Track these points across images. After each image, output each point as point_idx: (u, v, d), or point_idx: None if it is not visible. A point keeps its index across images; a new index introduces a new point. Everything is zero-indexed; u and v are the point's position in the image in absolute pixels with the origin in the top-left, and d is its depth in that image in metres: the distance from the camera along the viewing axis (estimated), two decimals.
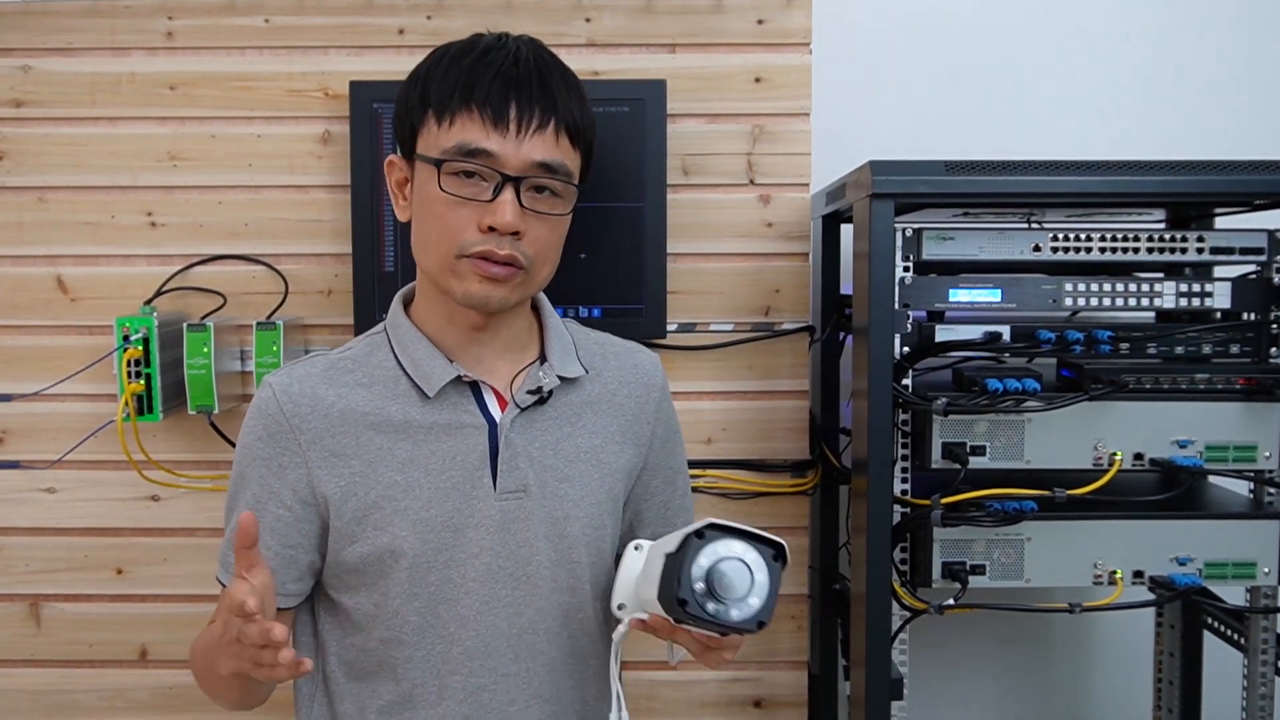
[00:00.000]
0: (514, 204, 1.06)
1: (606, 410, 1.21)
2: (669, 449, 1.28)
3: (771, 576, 0.98)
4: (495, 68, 1.07)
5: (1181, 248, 1.43)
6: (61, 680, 1.75)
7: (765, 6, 1.70)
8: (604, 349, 1.25)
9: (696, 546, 0.98)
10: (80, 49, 1.69)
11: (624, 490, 1.23)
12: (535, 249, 1.10)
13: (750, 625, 0.98)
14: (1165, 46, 1.98)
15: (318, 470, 1.12)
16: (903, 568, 1.45)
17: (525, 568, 1.13)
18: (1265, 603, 1.48)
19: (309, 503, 1.13)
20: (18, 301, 1.71)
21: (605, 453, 1.19)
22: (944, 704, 2.02)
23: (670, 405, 1.29)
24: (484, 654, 1.13)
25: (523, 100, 1.07)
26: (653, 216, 1.65)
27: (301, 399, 1.13)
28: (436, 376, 1.13)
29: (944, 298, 1.44)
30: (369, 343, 1.19)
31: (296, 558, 1.14)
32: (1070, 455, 1.41)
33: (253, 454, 1.14)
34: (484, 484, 1.12)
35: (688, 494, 1.31)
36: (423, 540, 1.11)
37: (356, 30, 1.69)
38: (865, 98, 1.94)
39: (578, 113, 1.11)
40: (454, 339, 1.15)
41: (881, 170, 1.34)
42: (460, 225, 1.07)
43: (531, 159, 1.07)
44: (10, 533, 1.73)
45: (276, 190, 1.70)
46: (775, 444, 1.75)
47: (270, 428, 1.13)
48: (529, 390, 1.14)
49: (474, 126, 1.06)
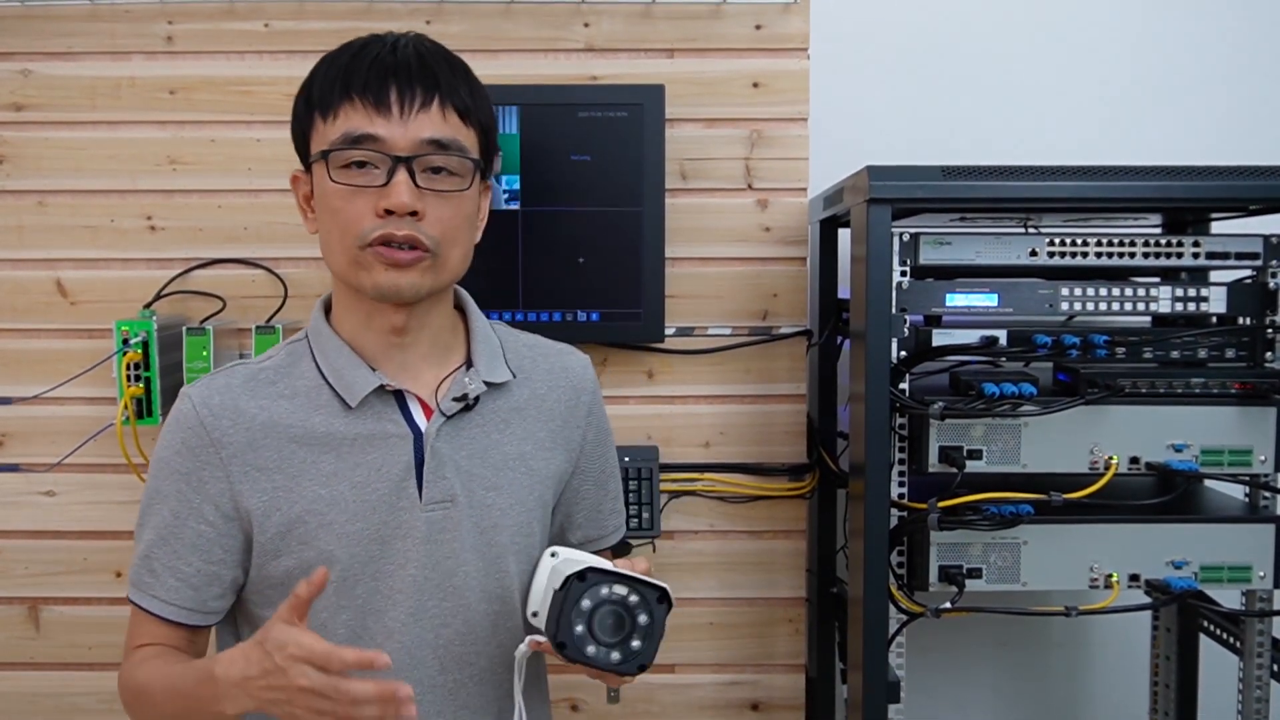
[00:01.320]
0: (408, 183, 1.04)
1: (535, 415, 1.18)
2: (600, 452, 1.25)
3: (655, 619, 0.99)
4: (372, 58, 1.07)
5: (1177, 253, 1.44)
6: (61, 683, 1.75)
7: (763, 12, 1.71)
8: (533, 351, 1.22)
9: (578, 590, 0.99)
10: (80, 53, 1.69)
11: (553, 496, 1.21)
12: (439, 229, 1.06)
13: (630, 669, 0.99)
14: (1161, 53, 1.99)
15: (240, 485, 1.09)
16: (900, 571, 1.45)
17: (451, 579, 1.11)
18: (1260, 606, 1.49)
19: (231, 517, 1.09)
20: (17, 305, 1.72)
21: (534, 459, 1.17)
22: (941, 707, 2.03)
23: (601, 408, 1.26)
24: (410, 665, 1.10)
25: (403, 82, 1.05)
26: (651, 221, 1.65)
27: (223, 411, 1.09)
28: (359, 386, 1.09)
29: (941, 302, 1.44)
30: (290, 351, 1.15)
31: (219, 574, 1.10)
32: (1067, 459, 1.42)
33: (170, 468, 1.10)
34: (410, 495, 1.10)
35: (619, 497, 1.30)
36: (349, 554, 1.08)
37: (356, 35, 1.68)
38: (863, 103, 1.95)
39: (465, 92, 1.09)
40: (374, 344, 1.12)
41: (879, 175, 1.34)
42: (357, 215, 1.04)
43: (420, 137, 1.05)
44: (9, 535, 1.74)
45: (276, 194, 1.71)
46: (773, 448, 1.75)
47: (190, 441, 1.09)
48: (454, 398, 1.12)
49: (356, 114, 1.04)
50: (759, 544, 1.76)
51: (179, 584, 1.09)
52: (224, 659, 0.97)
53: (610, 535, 1.28)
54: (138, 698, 1.09)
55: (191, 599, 1.10)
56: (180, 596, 1.10)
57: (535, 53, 1.71)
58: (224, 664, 0.97)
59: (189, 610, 1.10)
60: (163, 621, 1.10)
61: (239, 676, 0.95)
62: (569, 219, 1.64)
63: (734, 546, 1.76)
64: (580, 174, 1.64)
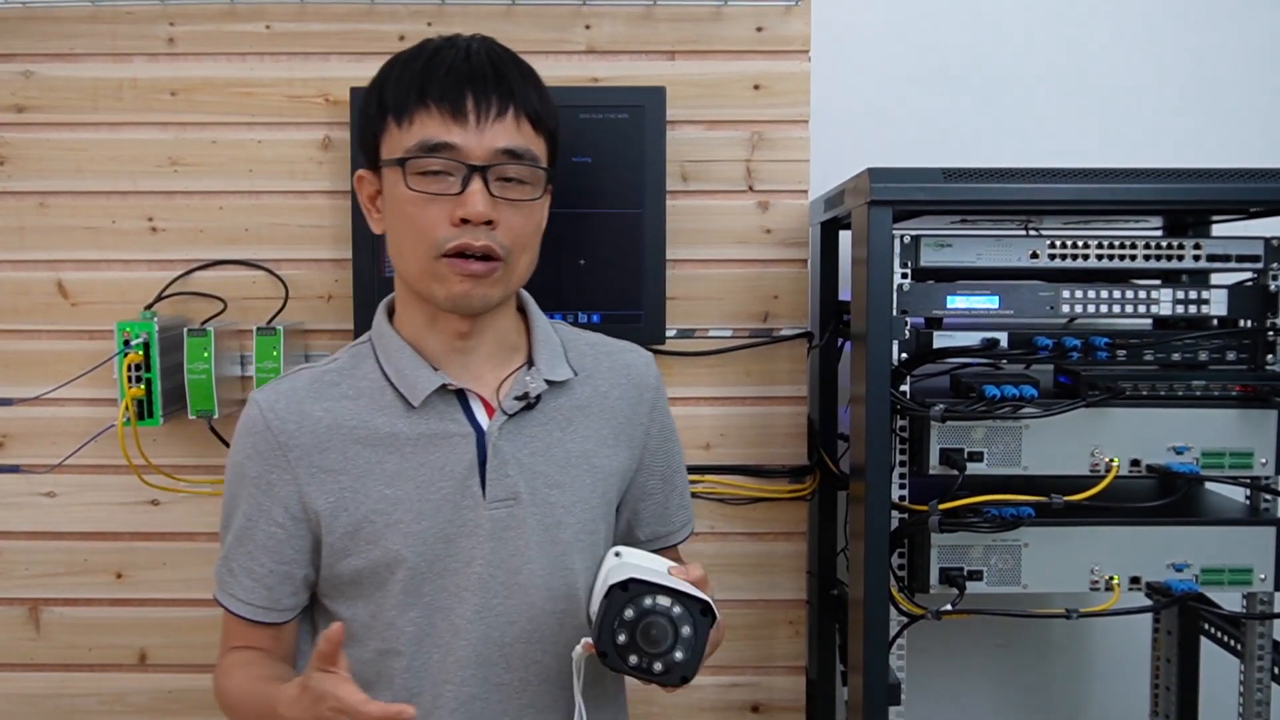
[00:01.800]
0: (483, 193, 1.05)
1: (598, 413, 1.19)
2: (665, 448, 1.27)
3: (698, 632, 0.99)
4: (447, 64, 1.08)
5: (1178, 255, 1.44)
6: (61, 684, 1.75)
7: (764, 14, 1.71)
8: (595, 350, 1.23)
9: (620, 600, 1.00)
10: (82, 54, 1.70)
11: (618, 494, 1.22)
12: (511, 238, 1.08)
13: (673, 680, 1.00)
14: (1163, 55, 1.99)
15: (307, 487, 1.11)
16: (900, 573, 1.45)
17: (517, 576, 1.12)
18: (1261, 609, 1.48)
19: (300, 519, 1.13)
20: (19, 306, 1.72)
21: (598, 456, 1.18)
22: (942, 709, 2.03)
23: (665, 405, 1.27)
24: (477, 663, 1.12)
25: (479, 90, 1.06)
26: (652, 222, 1.65)
27: (288, 415, 1.12)
28: (421, 386, 1.12)
29: (942, 304, 1.44)
30: (353, 353, 1.18)
31: (291, 573, 1.14)
32: (1067, 461, 1.42)
33: (242, 472, 1.14)
34: (474, 493, 1.11)
35: (686, 493, 1.31)
36: (416, 552, 1.11)
37: (357, 36, 1.70)
38: (864, 105, 1.95)
39: (536, 100, 1.10)
40: (438, 346, 1.14)
41: (880, 177, 1.35)
42: (433, 223, 1.06)
43: (495, 146, 1.06)
44: (10, 537, 1.74)
45: (277, 195, 1.71)
46: (773, 449, 1.75)
47: (259, 446, 1.13)
48: (516, 396, 1.13)
49: (433, 122, 1.06)
50: (759, 546, 1.76)
51: (254, 584, 1.14)
52: (284, 698, 1.01)
53: (678, 532, 1.30)
54: (229, 702, 1.15)
55: (265, 598, 1.14)
56: (255, 595, 1.14)
57: (536, 54, 1.69)
58: (284, 703, 1.01)
59: (264, 609, 1.15)
60: (244, 620, 1.15)
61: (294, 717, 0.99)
62: (570, 221, 1.64)
63: (734, 548, 1.76)
64: (581, 175, 1.64)
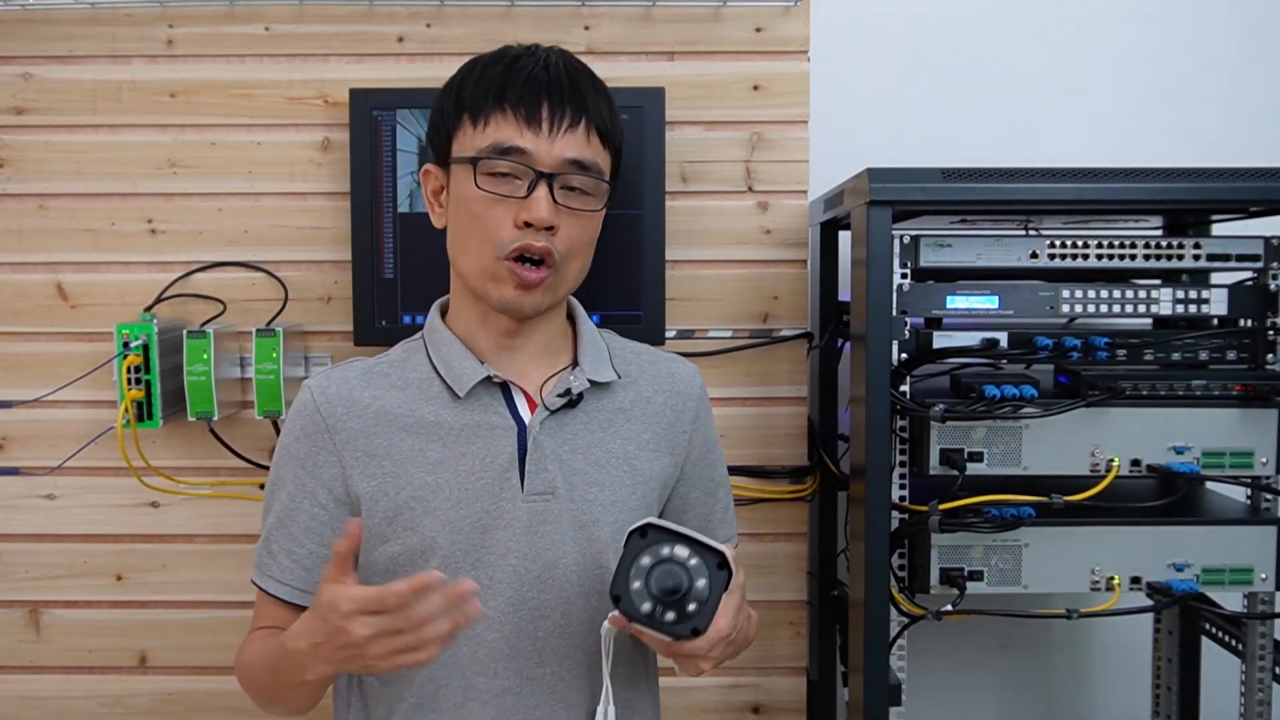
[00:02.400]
0: (548, 199, 1.09)
1: (640, 417, 1.22)
2: (708, 460, 1.29)
3: (712, 585, 0.98)
4: (526, 72, 1.12)
5: (1178, 254, 1.44)
6: (61, 687, 1.75)
7: (764, 14, 1.71)
8: (640, 358, 1.27)
9: (638, 545, 0.99)
10: (81, 56, 1.69)
11: (658, 499, 1.24)
12: (568, 245, 1.12)
13: (684, 632, 0.98)
14: (1162, 54, 1.99)
15: (351, 470, 1.14)
16: (901, 574, 1.45)
17: (551, 571, 1.14)
18: (1262, 608, 1.48)
19: (343, 501, 1.15)
20: (18, 308, 1.72)
21: (638, 459, 1.20)
22: (942, 710, 2.02)
23: (709, 417, 1.30)
24: (509, 656, 1.14)
25: (554, 100, 1.11)
26: (651, 223, 1.65)
27: (338, 400, 1.16)
28: (467, 377, 1.15)
29: (941, 304, 1.44)
30: (406, 348, 1.23)
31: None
32: (1068, 461, 1.42)
33: (290, 454, 1.17)
34: (512, 485, 1.14)
35: (730, 507, 1.33)
36: (452, 541, 1.13)
37: (356, 38, 1.70)
38: (863, 105, 1.95)
39: (607, 115, 1.15)
40: (487, 343, 1.18)
41: (879, 178, 1.34)
42: (497, 223, 1.10)
43: (564, 156, 1.10)
44: (10, 539, 1.73)
45: (276, 197, 1.71)
46: (773, 450, 1.75)
47: (307, 428, 1.16)
48: (559, 393, 1.16)
49: (508, 126, 1.10)
50: (760, 546, 1.76)
51: (293, 565, 1.16)
52: (291, 633, 1.02)
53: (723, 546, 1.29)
54: (245, 673, 1.17)
55: (304, 579, 1.16)
56: (294, 577, 1.16)
57: None
58: (292, 638, 1.02)
59: (301, 591, 1.16)
60: (280, 603, 1.16)
61: (307, 646, 1.00)
62: None
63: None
64: None
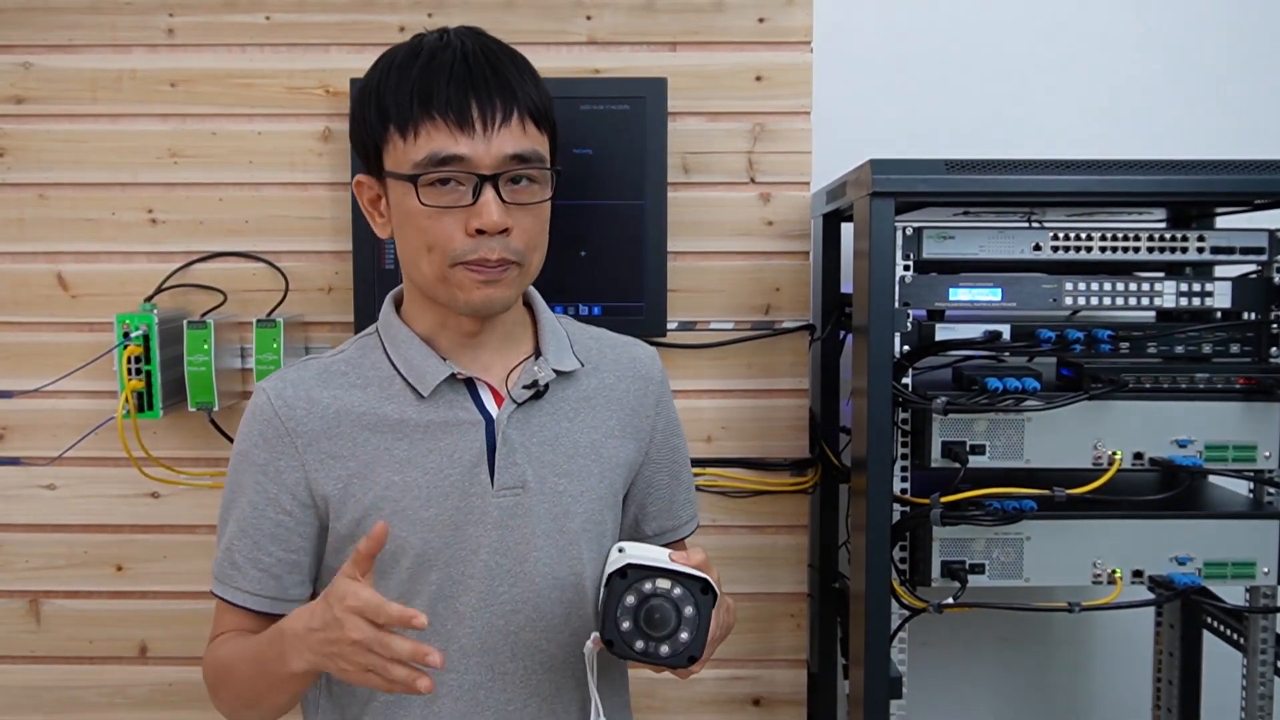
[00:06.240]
0: (497, 202, 1.05)
1: (604, 404, 1.20)
2: (671, 443, 1.27)
3: (700, 610, 0.99)
4: (447, 70, 1.06)
5: (1182, 247, 1.43)
6: (62, 677, 1.76)
7: (766, 5, 1.70)
8: (600, 343, 1.24)
9: (620, 586, 1.00)
10: (81, 45, 1.69)
11: (624, 485, 1.23)
12: (525, 240, 1.09)
13: (680, 661, 0.99)
14: (1165, 46, 1.98)
15: (315, 472, 1.11)
16: (902, 566, 1.45)
17: (523, 565, 1.13)
18: (1264, 602, 1.48)
19: (308, 505, 1.12)
20: (18, 298, 1.72)
21: (605, 447, 1.19)
22: (943, 703, 2.02)
23: (670, 399, 1.28)
24: (480, 651, 1.12)
25: (482, 96, 1.05)
26: (653, 214, 1.65)
27: (296, 402, 1.12)
28: (430, 376, 1.12)
29: (944, 296, 1.44)
30: (360, 345, 1.18)
31: (299, 561, 1.14)
32: (1070, 454, 1.41)
33: (249, 460, 1.13)
34: (482, 481, 1.12)
35: (691, 488, 1.31)
36: (423, 540, 1.11)
37: (357, 27, 1.69)
38: (866, 96, 1.94)
39: (536, 95, 1.09)
40: (449, 341, 1.15)
41: (882, 169, 1.34)
42: (448, 234, 1.06)
43: (503, 153, 1.06)
44: (10, 529, 1.74)
45: (277, 187, 1.70)
46: (775, 442, 1.75)
47: (265, 432, 1.12)
48: (524, 385, 1.14)
49: (440, 134, 1.05)
50: (761, 539, 1.76)
51: (261, 574, 1.13)
52: (293, 614, 1.01)
53: (685, 525, 1.30)
54: (217, 673, 1.14)
55: (273, 588, 1.13)
56: (263, 586, 1.13)
57: (537, 45, 1.70)
58: (291, 618, 1.01)
59: (271, 599, 1.13)
60: (246, 612, 1.14)
61: (303, 628, 0.99)
62: (571, 212, 1.63)
63: (736, 541, 1.76)
64: (582, 167, 1.64)
